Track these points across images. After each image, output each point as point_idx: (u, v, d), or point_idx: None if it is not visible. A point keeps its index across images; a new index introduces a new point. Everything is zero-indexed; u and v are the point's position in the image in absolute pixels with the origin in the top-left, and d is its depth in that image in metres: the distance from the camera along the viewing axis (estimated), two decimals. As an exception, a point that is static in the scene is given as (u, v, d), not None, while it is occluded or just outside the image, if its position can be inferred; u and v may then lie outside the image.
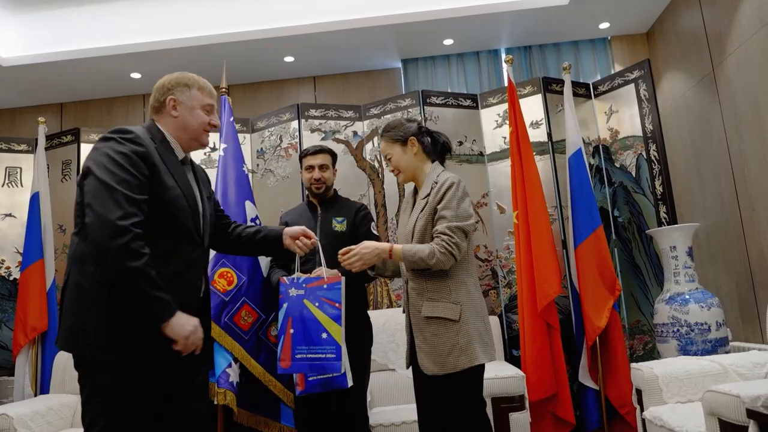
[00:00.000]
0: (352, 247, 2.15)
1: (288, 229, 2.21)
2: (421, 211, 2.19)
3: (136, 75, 5.17)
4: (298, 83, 5.44)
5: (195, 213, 1.83)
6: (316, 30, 4.65)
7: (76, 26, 4.82)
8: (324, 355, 2.02)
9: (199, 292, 1.89)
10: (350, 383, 2.22)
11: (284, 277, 2.18)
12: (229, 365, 2.69)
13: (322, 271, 2.17)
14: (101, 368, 1.68)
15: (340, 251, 2.16)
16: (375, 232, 2.75)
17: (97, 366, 1.68)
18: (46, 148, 4.33)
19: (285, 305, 2.10)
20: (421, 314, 2.12)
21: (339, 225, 2.69)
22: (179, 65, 5.02)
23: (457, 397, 2.11)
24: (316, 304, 2.07)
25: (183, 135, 1.91)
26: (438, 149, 2.34)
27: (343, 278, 2.13)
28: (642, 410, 2.79)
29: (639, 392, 2.83)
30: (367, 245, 2.14)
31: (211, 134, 1.99)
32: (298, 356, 2.04)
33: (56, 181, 4.30)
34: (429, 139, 2.32)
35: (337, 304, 2.06)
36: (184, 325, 1.67)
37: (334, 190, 2.88)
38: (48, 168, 4.24)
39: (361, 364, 2.54)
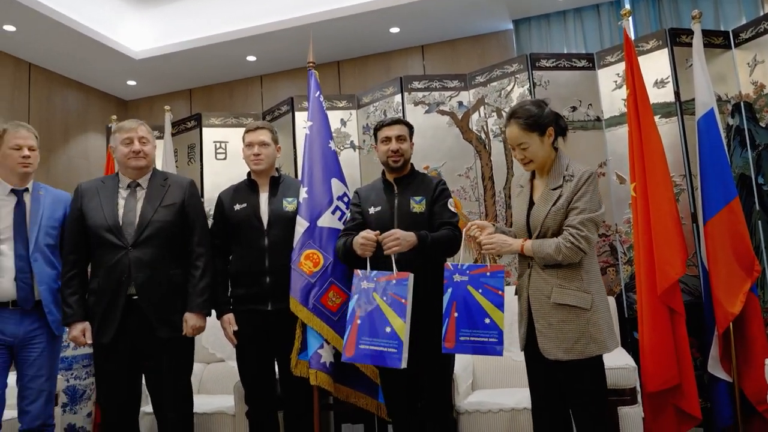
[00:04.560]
0: (493, 235, 2.21)
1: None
2: (554, 204, 2.13)
3: (251, 58, 5.38)
4: (406, 54, 5.34)
5: (111, 225, 2.48)
6: (418, -5, 4.50)
7: (196, 15, 5.12)
8: (487, 339, 2.15)
9: (125, 287, 2.45)
10: (404, 365, 2.23)
11: (449, 262, 2.28)
12: (321, 346, 2.69)
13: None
14: None
15: (472, 231, 2.24)
16: (452, 208, 2.58)
17: None
18: (174, 134, 4.64)
19: (450, 290, 2.23)
20: (550, 300, 2.10)
21: (417, 206, 2.53)
22: (288, 45, 5.16)
23: (583, 384, 2.10)
24: (480, 290, 2.19)
25: (121, 168, 2.63)
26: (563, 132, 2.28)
27: (504, 267, 2.23)
28: (777, 412, 2.42)
29: (774, 391, 2.45)
30: (507, 241, 2.18)
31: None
32: (462, 338, 2.19)
33: (183, 164, 4.60)
34: (558, 124, 2.22)
35: (500, 292, 2.17)
36: (71, 331, 2.51)
37: (411, 165, 2.70)
38: (176, 152, 4.55)
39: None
